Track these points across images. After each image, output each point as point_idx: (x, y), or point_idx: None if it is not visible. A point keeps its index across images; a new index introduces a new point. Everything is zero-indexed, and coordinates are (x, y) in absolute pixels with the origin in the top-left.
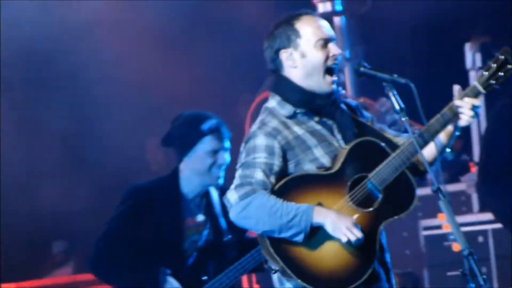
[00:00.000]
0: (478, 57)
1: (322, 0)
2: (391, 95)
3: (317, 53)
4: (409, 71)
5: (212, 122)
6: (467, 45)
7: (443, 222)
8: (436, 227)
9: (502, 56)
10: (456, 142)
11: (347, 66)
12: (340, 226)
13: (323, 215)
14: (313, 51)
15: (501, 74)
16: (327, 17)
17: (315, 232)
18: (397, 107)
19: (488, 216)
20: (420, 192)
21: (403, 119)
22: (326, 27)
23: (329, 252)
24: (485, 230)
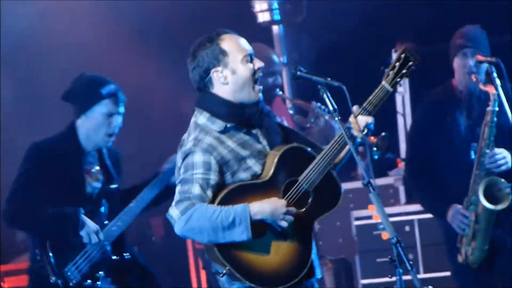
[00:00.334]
0: None
1: (262, 11)
2: (325, 96)
3: (245, 68)
4: (341, 74)
5: (111, 87)
6: (394, 51)
7: (373, 213)
8: (367, 217)
9: (403, 55)
10: (383, 143)
11: (284, 70)
12: (278, 213)
13: (260, 209)
14: (241, 66)
15: (404, 71)
16: (267, 26)
17: (257, 235)
18: (331, 108)
19: (414, 208)
20: (352, 185)
21: (336, 118)
22: (246, 43)
23: (271, 252)
24: (412, 220)
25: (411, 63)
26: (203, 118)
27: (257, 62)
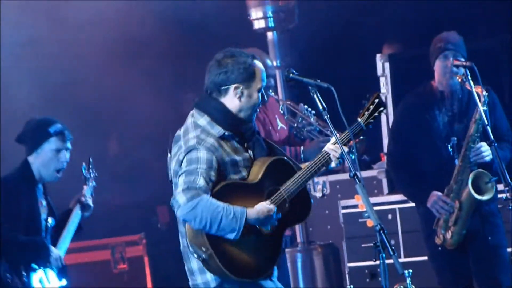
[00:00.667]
0: (387, 65)
1: (257, 18)
2: (315, 97)
3: (257, 96)
4: (330, 77)
5: (57, 126)
6: (378, 55)
7: (359, 202)
8: (353, 206)
9: (376, 100)
10: (360, 146)
11: (278, 73)
12: (268, 221)
13: (256, 216)
14: (255, 94)
15: (376, 114)
16: (262, 32)
17: (242, 233)
18: (320, 107)
19: (396, 198)
20: (339, 177)
21: (326, 117)
22: (265, 74)
23: (248, 247)
24: (394, 209)
25: (381, 108)
26: (203, 121)
27: (263, 96)
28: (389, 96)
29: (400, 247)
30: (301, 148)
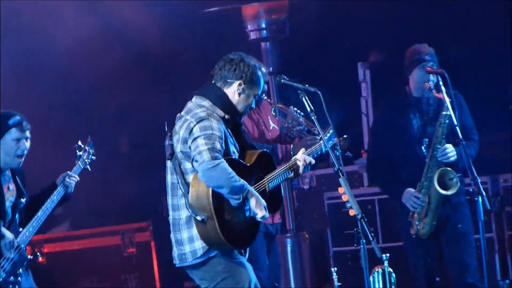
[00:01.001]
0: (367, 72)
1: (253, 30)
2: (303, 100)
3: (252, 100)
4: (317, 82)
5: (16, 118)
6: (359, 63)
7: (342, 194)
8: (337, 197)
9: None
10: (344, 144)
11: (271, 79)
12: (260, 205)
13: (252, 194)
14: (251, 97)
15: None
16: (257, 42)
17: (240, 208)
18: (308, 109)
19: (374, 190)
20: (325, 172)
21: (313, 117)
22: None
23: (239, 221)
24: (373, 200)
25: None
26: (206, 103)
27: (255, 103)
28: (369, 99)
29: (379, 234)
30: (291, 145)
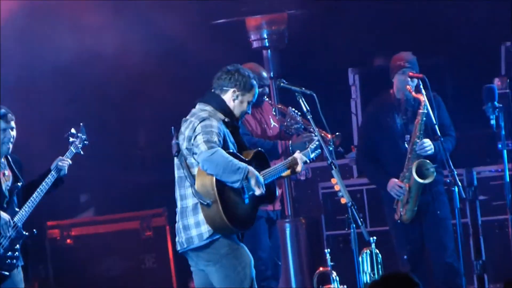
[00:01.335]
0: (357, 77)
1: (256, 40)
2: (301, 101)
3: (246, 106)
4: (312, 85)
5: (1, 111)
6: (349, 69)
7: (335, 184)
8: (330, 187)
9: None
10: (336, 140)
11: (272, 83)
12: (259, 183)
13: (253, 173)
14: (245, 103)
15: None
16: (259, 51)
17: (239, 193)
18: (305, 109)
19: (363, 181)
20: (320, 164)
21: (309, 117)
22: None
23: (241, 206)
24: (362, 189)
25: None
26: (209, 108)
27: (250, 109)
28: (358, 101)
29: (367, 219)
30: (289, 142)
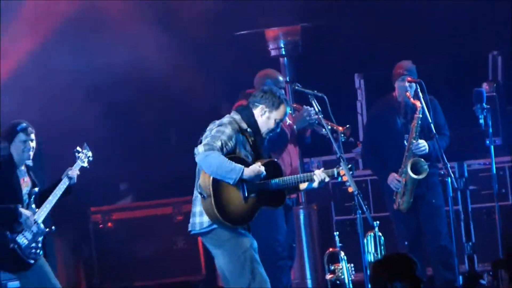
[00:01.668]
0: (362, 81)
1: (273, 48)
2: (313, 102)
3: (273, 123)
4: (323, 89)
5: (22, 125)
6: (356, 74)
7: (343, 175)
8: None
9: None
10: (347, 131)
11: (287, 86)
12: (258, 178)
13: (249, 172)
14: (273, 120)
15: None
16: (276, 58)
17: (236, 190)
18: (317, 109)
19: (367, 172)
20: (329, 158)
21: (320, 116)
22: (286, 114)
23: (238, 202)
24: (366, 180)
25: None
26: (237, 117)
27: (278, 128)
28: (363, 102)
29: (371, 206)
30: (293, 125)
